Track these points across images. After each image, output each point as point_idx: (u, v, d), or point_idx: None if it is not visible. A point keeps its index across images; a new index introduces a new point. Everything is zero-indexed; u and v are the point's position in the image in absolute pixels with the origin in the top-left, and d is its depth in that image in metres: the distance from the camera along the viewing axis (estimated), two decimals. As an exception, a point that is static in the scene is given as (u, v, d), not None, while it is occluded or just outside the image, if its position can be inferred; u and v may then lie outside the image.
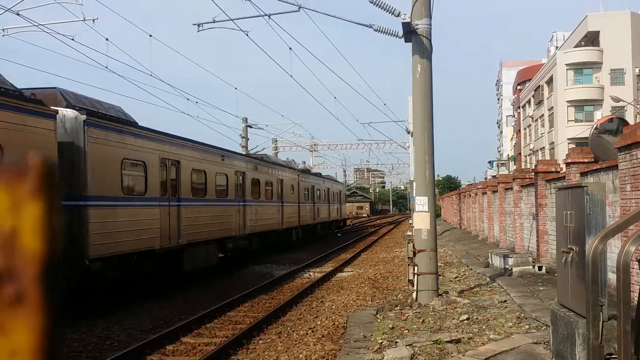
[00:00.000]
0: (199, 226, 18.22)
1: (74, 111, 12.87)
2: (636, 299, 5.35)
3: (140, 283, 15.70)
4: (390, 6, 13.21)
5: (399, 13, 13.06)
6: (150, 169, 15.38)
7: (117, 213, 13.86)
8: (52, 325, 0.48)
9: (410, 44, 13.24)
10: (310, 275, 20.31)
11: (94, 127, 13.12)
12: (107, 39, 19.87)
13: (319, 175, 41.96)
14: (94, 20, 19.51)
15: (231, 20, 18.18)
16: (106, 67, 20.27)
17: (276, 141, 48.71)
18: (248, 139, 38.87)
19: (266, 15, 17.33)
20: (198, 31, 19.16)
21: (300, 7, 15.53)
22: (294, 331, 11.36)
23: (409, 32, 12.97)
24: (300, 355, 9.35)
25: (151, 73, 22.42)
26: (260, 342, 10.72)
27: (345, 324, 11.39)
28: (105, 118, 13.83)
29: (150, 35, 21.70)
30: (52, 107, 12.32)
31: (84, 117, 12.72)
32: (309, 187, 35.53)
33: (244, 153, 28.30)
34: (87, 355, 10.01)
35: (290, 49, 21.10)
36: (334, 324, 11.74)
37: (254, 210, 23.91)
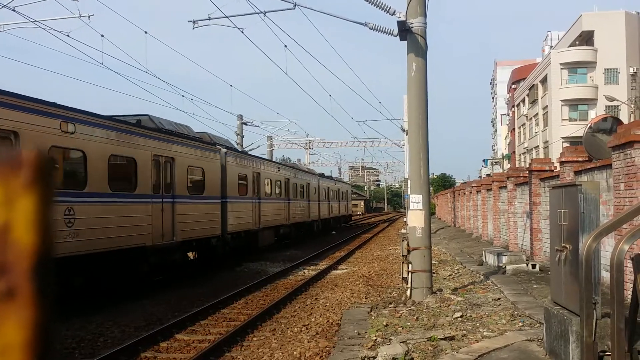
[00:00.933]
0: (267, 216, 26.74)
1: (221, 147, 21.34)
2: (629, 297, 5.37)
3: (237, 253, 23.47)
4: (385, 4, 13.21)
5: (394, 12, 13.06)
6: (249, 179, 24.16)
7: (236, 206, 22.29)
8: (44, 320, 0.47)
9: (405, 43, 13.24)
10: (304, 272, 20.31)
11: (228, 155, 21.48)
12: (102, 36, 19.84)
13: (331, 178, 50.21)
14: (89, 16, 19.49)
15: (226, 17, 18.13)
16: (101, 64, 20.30)
17: (271, 138, 48.63)
18: (243, 136, 38.81)
19: (261, 12, 17.30)
20: (193, 28, 19.13)
21: (295, 5, 15.50)
22: (288, 328, 11.36)
23: (404, 30, 12.96)
24: (295, 352, 9.36)
25: (146, 70, 22.39)
26: (255, 339, 10.72)
27: (339, 321, 11.40)
28: (230, 149, 22.49)
29: (146, 32, 21.63)
30: (218, 146, 21.06)
31: (225, 150, 21.28)
32: (326, 188, 44.07)
33: (291, 164, 38.43)
34: (81, 352, 9.99)
35: (286, 46, 21.08)
36: (328, 321, 11.75)
37: (293, 206, 32.46)
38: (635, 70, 50.65)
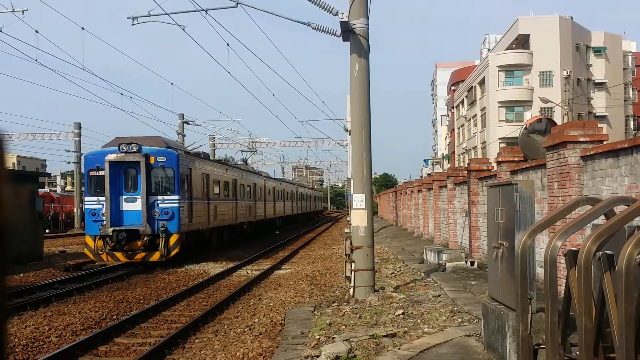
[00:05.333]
0: (297, 209, 59.83)
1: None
2: (563, 292, 5.57)
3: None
4: (328, 5, 13.27)
5: (337, 12, 13.13)
6: (292, 196, 57.39)
7: (285, 204, 51.98)
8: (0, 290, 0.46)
9: (348, 43, 13.35)
10: (248, 273, 20.19)
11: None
12: (37, 31, 19.20)
13: (308, 187, 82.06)
14: (23, 11, 18.85)
15: (167, 14, 17.83)
16: (36, 60, 19.66)
17: (214, 138, 48.15)
18: (185, 136, 38.29)
19: (203, 10, 17.10)
20: (132, 25, 18.71)
21: (238, 3, 15.39)
22: (231, 329, 11.27)
23: (347, 31, 13.06)
24: (238, 353, 9.28)
25: (83, 67, 21.80)
26: (197, 341, 10.59)
27: (282, 321, 11.38)
28: (283, 180, 54.67)
29: (83, 28, 21.04)
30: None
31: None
32: (306, 193, 70.82)
33: (299, 183, 76.12)
34: (16, 357, 9.63)
35: (228, 45, 20.92)
36: (271, 321, 11.71)
37: (302, 203, 63.42)
38: (568, 73, 52.56)
